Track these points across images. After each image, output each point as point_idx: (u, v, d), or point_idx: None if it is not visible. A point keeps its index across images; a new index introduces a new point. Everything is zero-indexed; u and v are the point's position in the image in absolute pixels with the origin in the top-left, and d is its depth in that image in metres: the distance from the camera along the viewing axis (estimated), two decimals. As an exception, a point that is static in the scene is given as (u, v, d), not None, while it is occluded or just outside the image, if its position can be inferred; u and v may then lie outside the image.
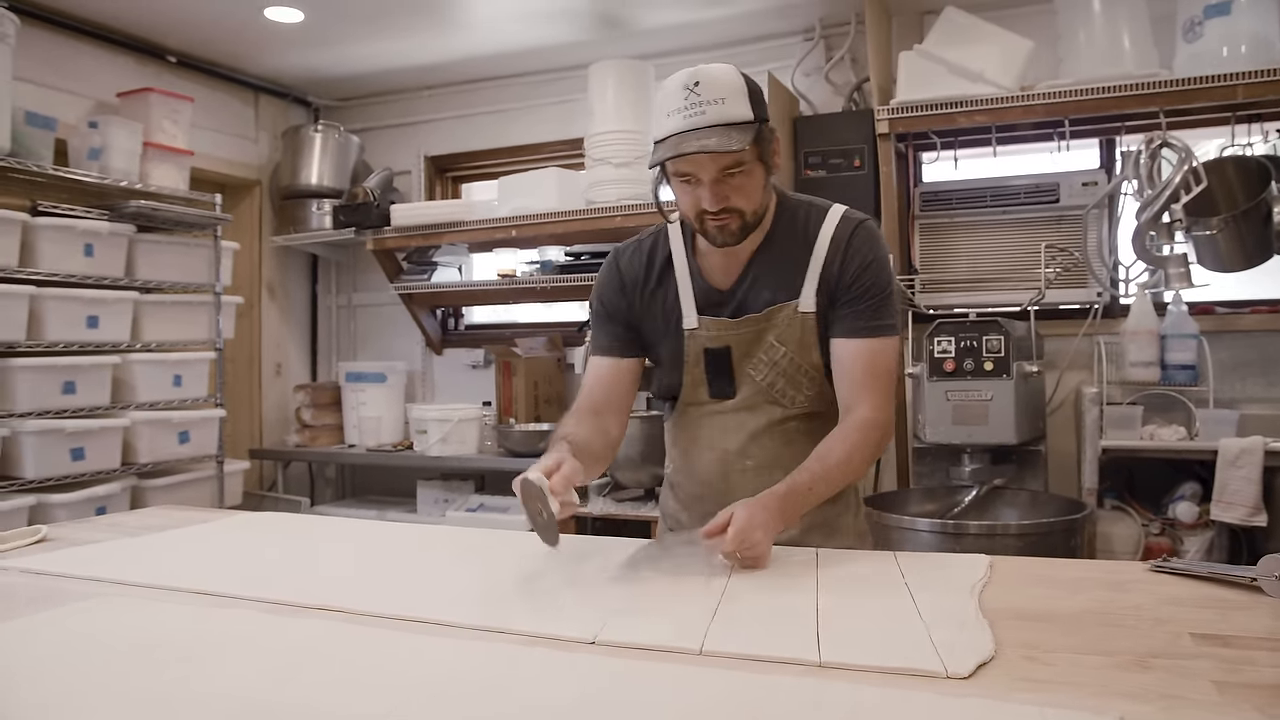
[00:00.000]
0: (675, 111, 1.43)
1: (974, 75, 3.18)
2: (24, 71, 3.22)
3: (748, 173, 1.47)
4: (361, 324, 4.91)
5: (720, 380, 1.65)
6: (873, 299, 1.55)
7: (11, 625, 1.21)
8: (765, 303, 1.59)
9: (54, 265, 3.26)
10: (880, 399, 1.55)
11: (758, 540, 1.37)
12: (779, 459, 1.60)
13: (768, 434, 1.64)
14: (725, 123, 1.41)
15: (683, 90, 1.42)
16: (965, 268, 3.56)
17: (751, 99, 1.45)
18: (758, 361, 1.61)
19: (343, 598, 1.30)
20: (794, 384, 1.62)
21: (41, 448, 3.19)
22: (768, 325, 1.60)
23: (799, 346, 1.59)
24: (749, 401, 1.64)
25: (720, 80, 1.43)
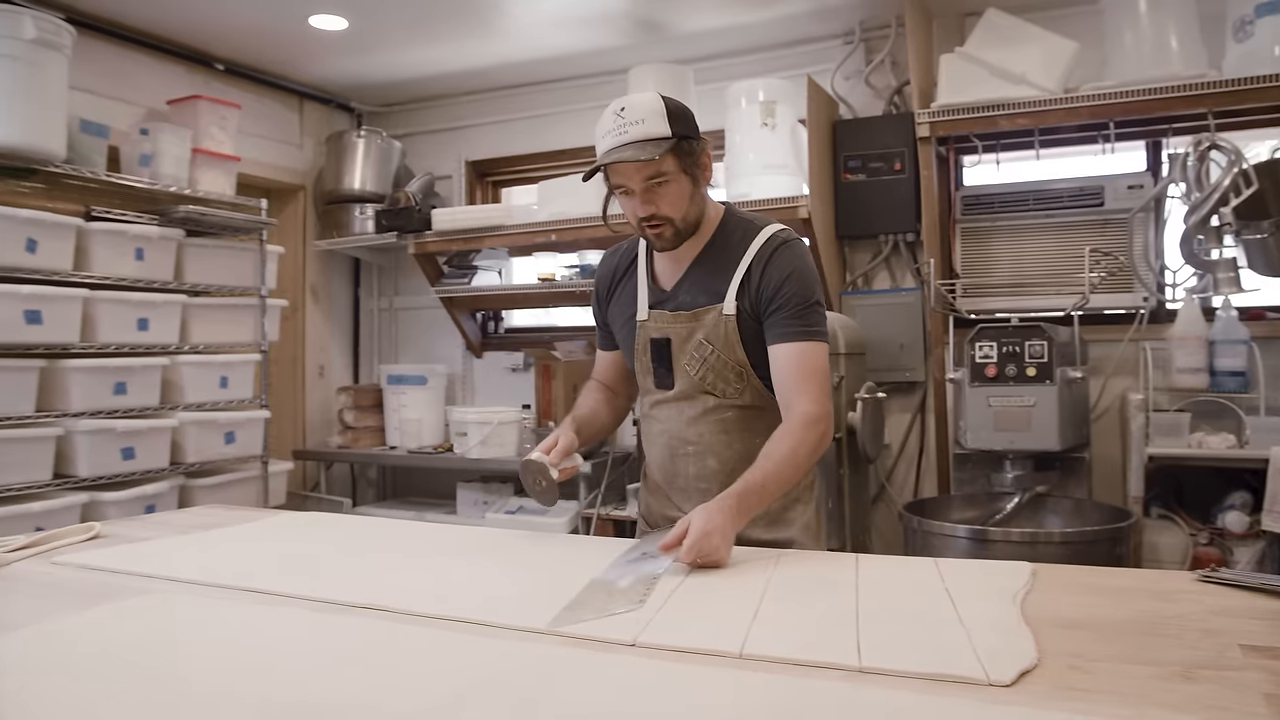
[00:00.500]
0: (607, 134, 1.66)
1: (1016, 78, 3.15)
2: (79, 81, 3.31)
3: (671, 182, 1.68)
4: (403, 327, 4.97)
5: (661, 369, 1.83)
6: (795, 307, 1.71)
7: (69, 620, 1.25)
8: (697, 304, 1.79)
9: (106, 269, 3.34)
10: (817, 394, 1.69)
11: (715, 545, 1.46)
12: (714, 445, 1.81)
13: (704, 420, 1.81)
14: (643, 139, 1.62)
15: (612, 116, 1.66)
16: (1007, 272, 3.52)
17: (671, 118, 1.65)
18: (690, 357, 1.78)
19: (391, 597, 1.32)
20: (723, 378, 1.78)
21: (94, 447, 3.27)
22: (697, 324, 1.78)
23: (724, 345, 1.76)
24: (686, 392, 1.81)
25: (641, 105, 1.65)
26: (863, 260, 3.87)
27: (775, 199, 3.47)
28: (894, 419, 3.76)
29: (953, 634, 1.11)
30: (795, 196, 3.46)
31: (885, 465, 3.80)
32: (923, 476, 3.78)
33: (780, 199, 3.46)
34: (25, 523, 3.01)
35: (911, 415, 3.79)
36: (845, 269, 3.89)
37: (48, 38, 3.03)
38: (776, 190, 3.51)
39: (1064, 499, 3.05)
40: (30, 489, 3.11)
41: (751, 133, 3.61)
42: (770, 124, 3.57)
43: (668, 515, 1.89)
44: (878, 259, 3.82)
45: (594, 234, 3.86)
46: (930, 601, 1.27)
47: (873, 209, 3.72)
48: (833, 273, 3.72)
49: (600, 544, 1.80)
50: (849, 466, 3.24)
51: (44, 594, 1.43)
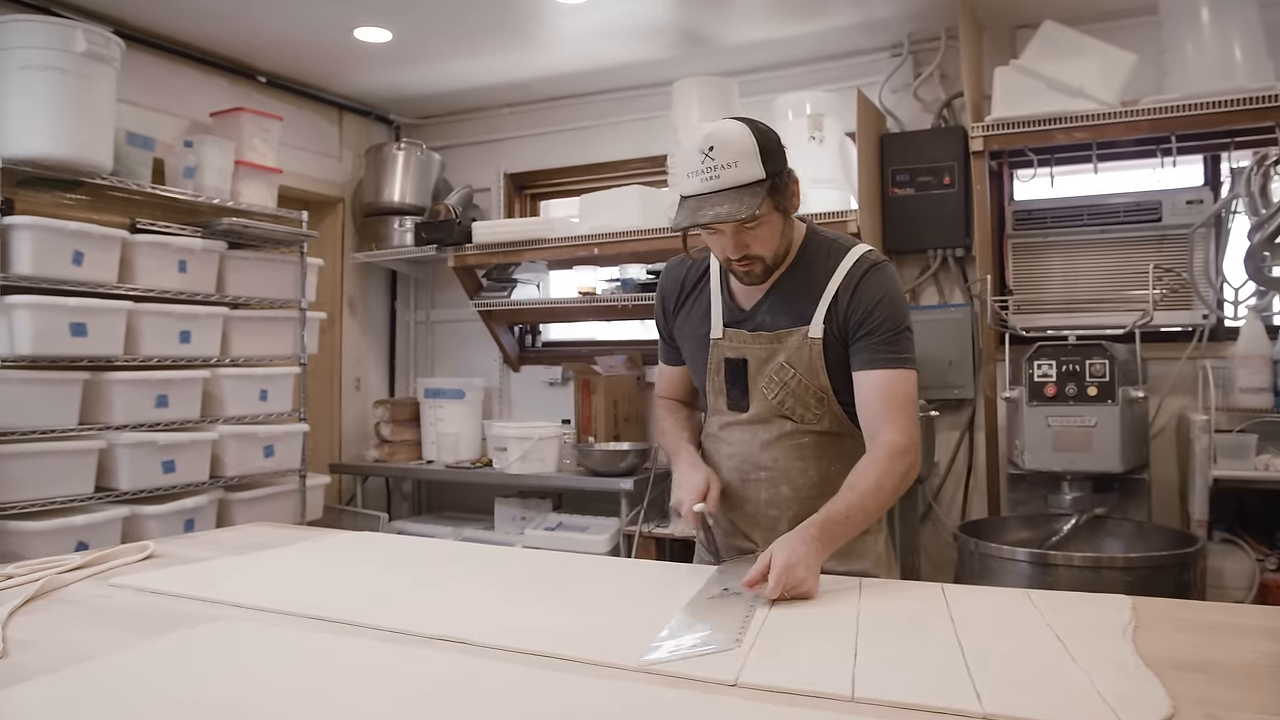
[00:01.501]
0: (693, 174, 1.57)
1: (1074, 90, 3.08)
2: (124, 93, 3.30)
3: (764, 223, 1.61)
4: (439, 340, 4.94)
5: (736, 391, 1.77)
6: (885, 333, 1.65)
7: (137, 650, 1.20)
8: (779, 326, 1.72)
9: (150, 281, 3.33)
10: (905, 423, 1.63)
11: (801, 577, 1.41)
12: (789, 471, 1.74)
13: (779, 445, 1.74)
14: (738, 185, 1.54)
15: (699, 154, 1.56)
16: (1060, 288, 3.45)
17: (763, 155, 1.56)
18: (770, 380, 1.72)
19: (466, 628, 1.27)
20: (803, 403, 1.72)
21: (135, 460, 3.25)
22: (779, 346, 1.72)
23: (807, 369, 1.70)
24: (762, 416, 1.75)
25: (734, 143, 1.55)
26: (910, 276, 3.80)
27: (823, 213, 3.41)
28: (942, 437, 3.68)
29: (1073, 677, 1.05)
30: (844, 211, 3.40)
31: (933, 485, 3.72)
32: (971, 496, 3.70)
33: (828, 213, 3.41)
34: (68, 536, 2.99)
35: (960, 434, 3.71)
36: (892, 284, 3.82)
37: (98, 50, 3.03)
38: (825, 205, 3.46)
39: (1124, 521, 2.96)
40: (73, 502, 3.09)
41: (799, 146, 3.54)
42: (818, 137, 3.52)
43: (731, 544, 1.82)
44: (926, 274, 3.75)
45: (636, 247, 3.82)
46: (1036, 639, 1.21)
47: (921, 223, 3.65)
48: (880, 288, 3.65)
49: (666, 570, 1.74)
50: (899, 486, 3.16)
51: (107, 620, 1.39)
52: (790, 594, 1.39)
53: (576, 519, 3.88)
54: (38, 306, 2.97)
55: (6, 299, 2.92)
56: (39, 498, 2.99)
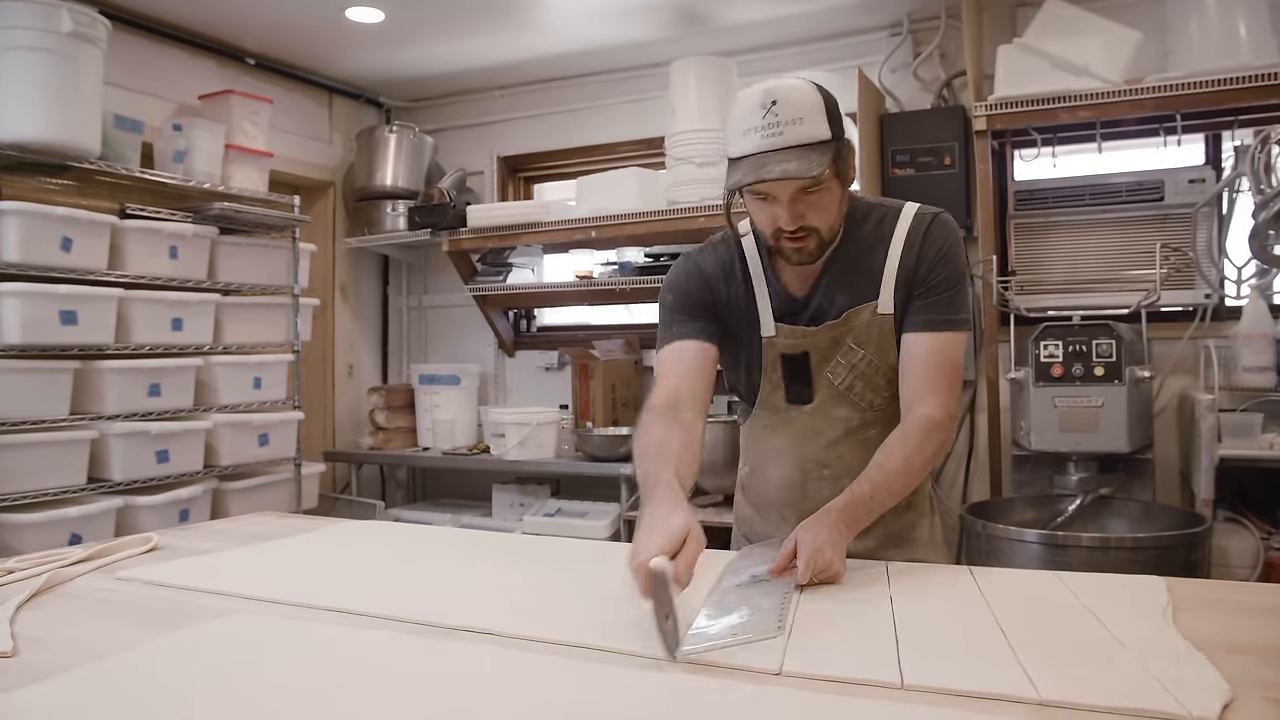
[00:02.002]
0: (752, 130, 1.41)
1: (1078, 69, 3.06)
2: (111, 75, 3.22)
3: (825, 190, 1.46)
4: (432, 325, 4.89)
5: (798, 385, 1.63)
6: (946, 290, 1.53)
7: (151, 646, 1.16)
8: (841, 307, 1.58)
9: (140, 268, 3.26)
10: (945, 396, 1.52)
11: (829, 560, 1.34)
12: (854, 467, 1.55)
13: (846, 442, 1.62)
14: (804, 143, 1.39)
15: (759, 108, 1.41)
16: (1062, 269, 3.43)
17: (829, 116, 1.43)
18: (836, 365, 1.60)
19: (492, 619, 1.23)
20: (872, 386, 1.60)
21: (128, 450, 3.20)
22: (845, 329, 1.58)
23: (878, 349, 1.57)
24: (825, 405, 1.62)
25: (798, 99, 1.41)
26: (910, 257, 3.77)
27: (824, 194, 3.37)
28: (943, 419, 3.66)
29: (1124, 661, 1.02)
30: (845, 191, 3.36)
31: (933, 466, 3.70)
32: (972, 478, 3.69)
33: (829, 194, 3.36)
34: (62, 528, 2.94)
35: (961, 415, 3.70)
36: (892, 266, 3.79)
37: (84, 31, 2.95)
38: (825, 185, 3.42)
39: (1129, 501, 2.96)
40: (66, 493, 3.04)
41: (798, 126, 3.51)
42: (818, 117, 3.47)
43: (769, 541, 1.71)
44: (926, 255, 3.72)
45: (633, 230, 3.78)
46: (1078, 622, 1.18)
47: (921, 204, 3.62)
48: (880, 270, 3.63)
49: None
50: (903, 469, 3.14)
51: (117, 614, 1.34)
52: (819, 578, 1.34)
53: (575, 505, 3.85)
54: (26, 294, 2.90)
55: (-6, 287, 2.86)
56: (31, 489, 2.94)
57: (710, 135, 3.59)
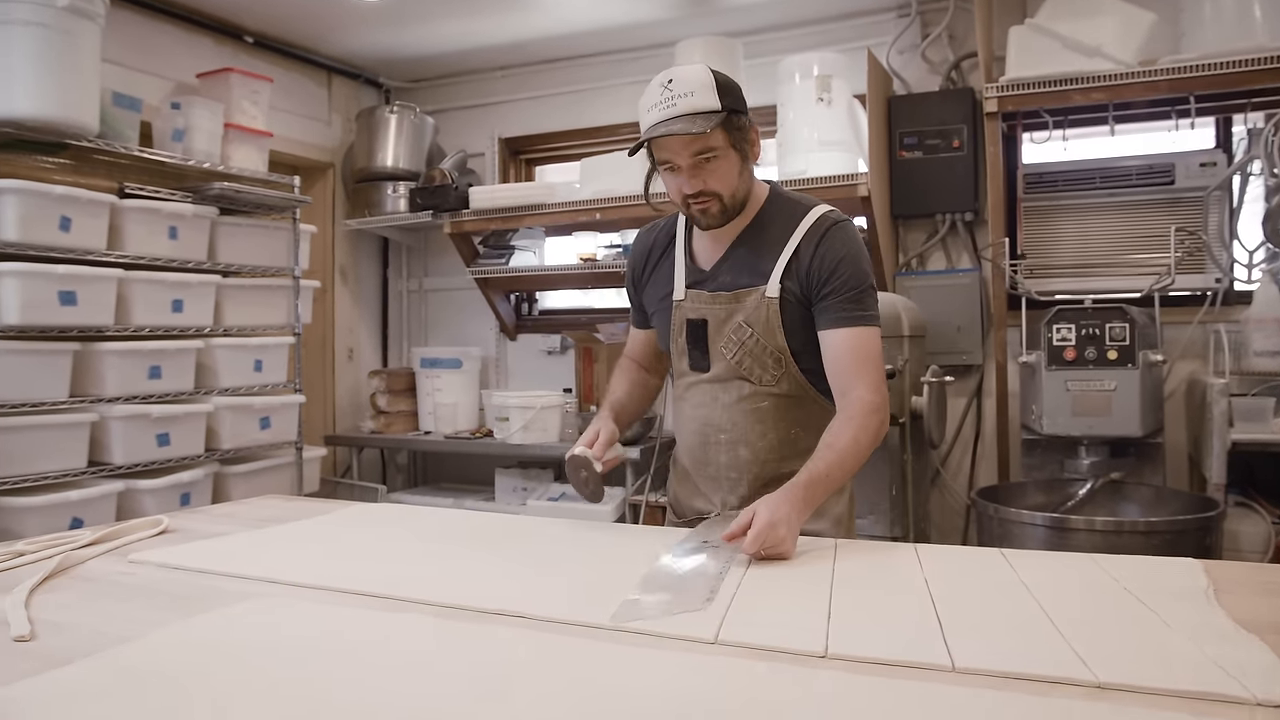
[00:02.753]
0: (653, 106, 1.58)
1: (1090, 50, 3.03)
2: (108, 53, 3.16)
3: (720, 157, 1.61)
4: (433, 308, 4.84)
5: (697, 352, 1.77)
6: (851, 290, 1.65)
7: (176, 629, 1.13)
8: (738, 285, 1.72)
9: (140, 248, 3.21)
10: (874, 379, 1.64)
11: (781, 536, 1.41)
12: (748, 433, 1.73)
13: (738, 408, 1.74)
14: (692, 112, 1.55)
15: (659, 88, 1.59)
16: (1071, 252, 3.40)
17: (720, 91, 1.58)
18: (728, 340, 1.71)
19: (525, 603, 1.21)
20: (760, 364, 1.71)
21: (129, 433, 3.15)
22: (737, 306, 1.71)
23: (765, 329, 1.69)
24: (721, 376, 1.75)
25: (690, 77, 1.58)
26: (917, 240, 3.75)
27: (832, 176, 3.34)
28: (949, 403, 3.64)
29: (1177, 644, 1.00)
30: (853, 174, 3.34)
31: (940, 451, 3.70)
32: (979, 462, 3.68)
33: (838, 176, 3.34)
34: (63, 512, 2.90)
35: (968, 400, 3.68)
36: (899, 249, 3.77)
37: (80, 5, 2.88)
38: (833, 168, 3.39)
39: (1141, 486, 2.95)
40: (66, 477, 3.00)
41: (806, 108, 3.47)
42: (826, 99, 3.44)
43: (694, 506, 1.84)
44: (934, 239, 3.70)
45: (637, 213, 3.73)
46: (1122, 603, 1.16)
47: (929, 187, 3.60)
48: (888, 253, 3.61)
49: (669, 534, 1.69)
50: (913, 452, 3.13)
51: (133, 598, 1.31)
52: (768, 553, 1.40)
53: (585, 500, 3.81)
54: (25, 274, 2.85)
55: (-8, 267, 2.81)
56: (31, 472, 2.90)
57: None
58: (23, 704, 0.89)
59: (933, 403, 3.08)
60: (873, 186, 3.33)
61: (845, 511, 1.81)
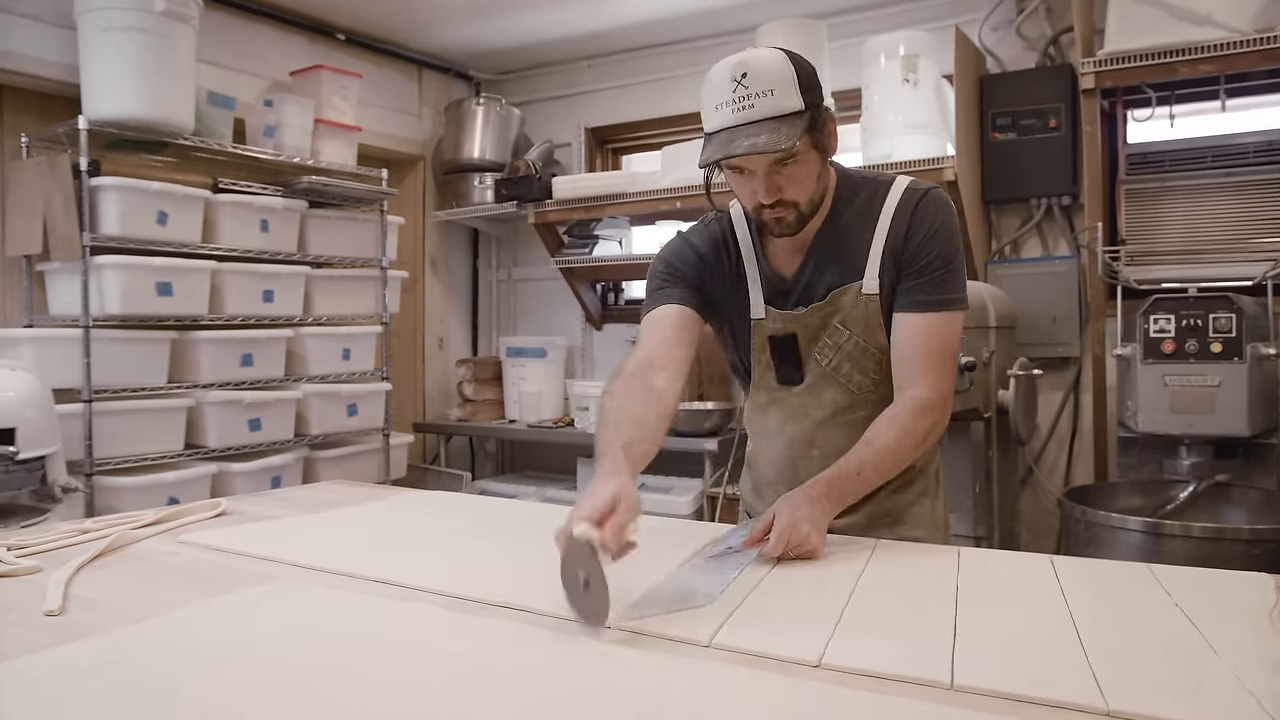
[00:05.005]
0: (723, 105, 1.38)
1: (1200, 18, 2.81)
2: (203, 53, 3.30)
3: (801, 162, 1.43)
4: (521, 298, 4.90)
5: (786, 367, 1.62)
6: (938, 270, 1.49)
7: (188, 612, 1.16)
8: (828, 286, 1.55)
9: (233, 241, 3.34)
10: (937, 378, 1.49)
11: (805, 534, 1.33)
12: (844, 448, 1.52)
13: (833, 423, 1.60)
14: (775, 115, 1.36)
15: (730, 82, 1.38)
16: (1178, 237, 3.18)
17: (801, 85, 1.39)
18: (823, 346, 1.58)
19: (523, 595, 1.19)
20: (859, 367, 1.57)
21: (222, 418, 3.29)
22: (832, 310, 1.55)
23: (864, 329, 1.54)
24: (814, 386, 1.60)
25: (768, 70, 1.38)
26: (1011, 226, 3.57)
27: (918, 160, 3.21)
28: (1044, 397, 3.46)
29: (1214, 671, 0.91)
30: (940, 158, 3.20)
31: (1034, 448, 3.52)
32: (1075, 460, 3.48)
33: (924, 160, 3.21)
34: (160, 492, 3.05)
35: (1064, 394, 3.49)
36: (992, 236, 3.60)
37: (176, 9, 3.02)
38: (919, 151, 3.26)
39: (1249, 490, 2.74)
40: (164, 459, 3.15)
41: (891, 90, 3.35)
42: (912, 80, 3.31)
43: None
44: (1028, 225, 3.52)
45: (720, 200, 3.67)
46: (1164, 621, 1.07)
47: (1024, 170, 3.42)
48: (978, 240, 3.45)
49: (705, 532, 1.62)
50: (999, 449, 2.99)
51: (168, 577, 1.36)
52: (794, 553, 1.33)
53: (659, 480, 3.80)
54: (125, 266, 3.01)
55: (96, 260, 2.97)
56: (133, 454, 3.06)
57: (799, 101, 3.45)
58: (21, 679, 0.92)
59: (1020, 397, 2.93)
60: (960, 170, 3.18)
61: (942, 518, 1.69)
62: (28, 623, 1.14)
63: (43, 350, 2.90)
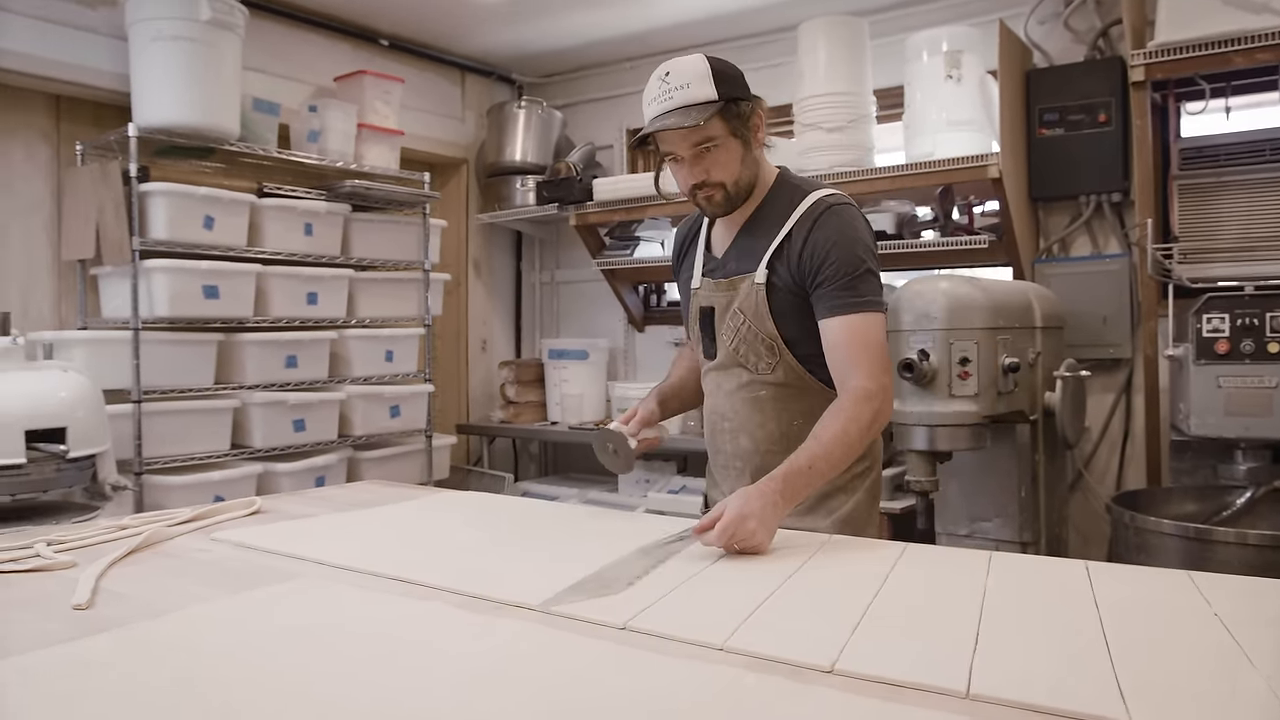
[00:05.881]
0: (653, 100, 1.63)
1: (1257, 5, 2.71)
2: (250, 60, 3.36)
3: (721, 146, 1.62)
4: (564, 300, 4.91)
5: (707, 339, 1.78)
6: (844, 277, 1.60)
7: (209, 607, 1.18)
8: (737, 271, 1.71)
9: (277, 244, 3.40)
10: (871, 367, 1.59)
11: (751, 530, 1.38)
12: (747, 422, 1.72)
13: (738, 395, 1.73)
14: (688, 104, 1.58)
15: (657, 81, 1.62)
16: (1234, 235, 3.05)
17: (717, 80, 1.59)
18: (726, 326, 1.72)
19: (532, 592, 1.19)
20: (754, 351, 1.69)
21: (267, 419, 3.35)
22: (734, 293, 1.71)
23: (755, 316, 1.67)
24: (723, 363, 1.75)
25: (685, 68, 1.60)
26: (1060, 224, 3.49)
27: (961, 158, 3.15)
28: (1095, 400, 3.37)
29: (1249, 683, 0.87)
30: (985, 155, 3.13)
31: (1084, 451, 3.43)
32: (1127, 465, 3.38)
33: (967, 158, 3.15)
34: (206, 490, 3.11)
35: (1115, 396, 3.39)
36: (1039, 234, 3.52)
37: (222, 18, 3.08)
38: (963, 148, 3.19)
39: (1310, 496, 2.63)
40: (211, 458, 3.21)
41: (934, 87, 3.29)
42: (955, 75, 3.25)
43: (712, 496, 1.86)
44: (1077, 222, 3.43)
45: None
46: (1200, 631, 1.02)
47: (1072, 167, 3.34)
48: (1026, 238, 3.37)
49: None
50: (1045, 452, 2.91)
51: (197, 574, 1.38)
52: (739, 546, 1.38)
53: (699, 482, 3.74)
54: (173, 270, 3.07)
55: (145, 263, 3.04)
56: (180, 453, 3.12)
57: (841, 99, 3.41)
58: (33, 674, 0.93)
59: (1067, 399, 2.85)
60: (1005, 167, 3.12)
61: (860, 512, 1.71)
62: (55, 615, 1.16)
63: (94, 352, 2.98)
